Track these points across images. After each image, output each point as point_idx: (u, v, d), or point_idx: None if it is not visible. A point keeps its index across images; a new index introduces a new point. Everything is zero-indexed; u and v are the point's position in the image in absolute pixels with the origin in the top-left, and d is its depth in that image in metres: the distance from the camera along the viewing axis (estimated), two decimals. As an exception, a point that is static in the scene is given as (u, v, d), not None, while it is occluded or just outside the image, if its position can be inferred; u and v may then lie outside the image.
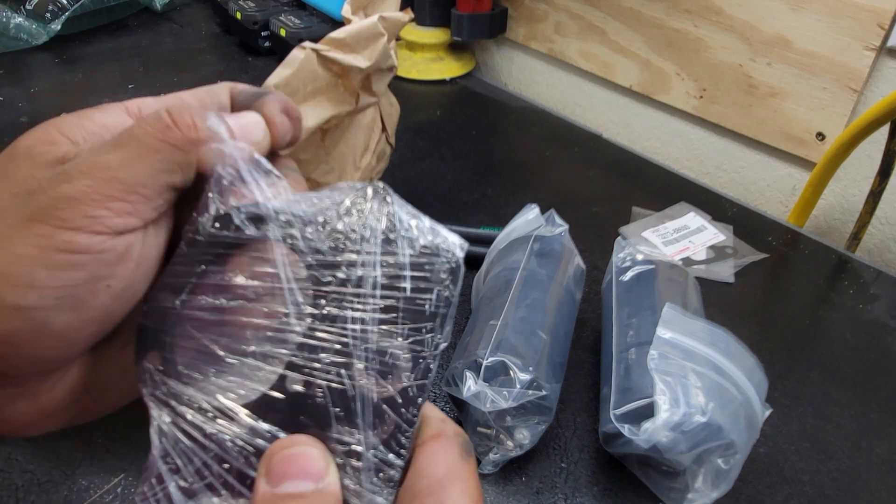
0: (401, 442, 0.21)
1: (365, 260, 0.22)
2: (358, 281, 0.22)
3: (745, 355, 0.42)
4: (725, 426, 0.38)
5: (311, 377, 0.22)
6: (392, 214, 0.23)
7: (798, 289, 0.63)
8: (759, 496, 0.44)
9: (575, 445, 0.47)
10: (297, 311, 0.22)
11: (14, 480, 0.42)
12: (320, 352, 0.22)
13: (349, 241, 0.22)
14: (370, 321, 0.22)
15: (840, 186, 0.73)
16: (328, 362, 0.22)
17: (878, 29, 0.63)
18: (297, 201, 0.23)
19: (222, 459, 0.21)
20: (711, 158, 0.83)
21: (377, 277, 0.22)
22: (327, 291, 0.22)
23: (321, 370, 0.22)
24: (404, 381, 0.21)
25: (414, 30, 0.96)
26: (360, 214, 0.23)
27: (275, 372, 0.22)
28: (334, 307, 0.22)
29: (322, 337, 0.22)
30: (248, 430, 0.21)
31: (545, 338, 0.45)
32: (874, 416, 0.50)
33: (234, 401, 0.22)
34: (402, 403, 0.21)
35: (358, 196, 0.23)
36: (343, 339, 0.22)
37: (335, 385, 0.21)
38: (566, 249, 0.53)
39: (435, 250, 0.22)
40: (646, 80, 0.84)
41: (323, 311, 0.22)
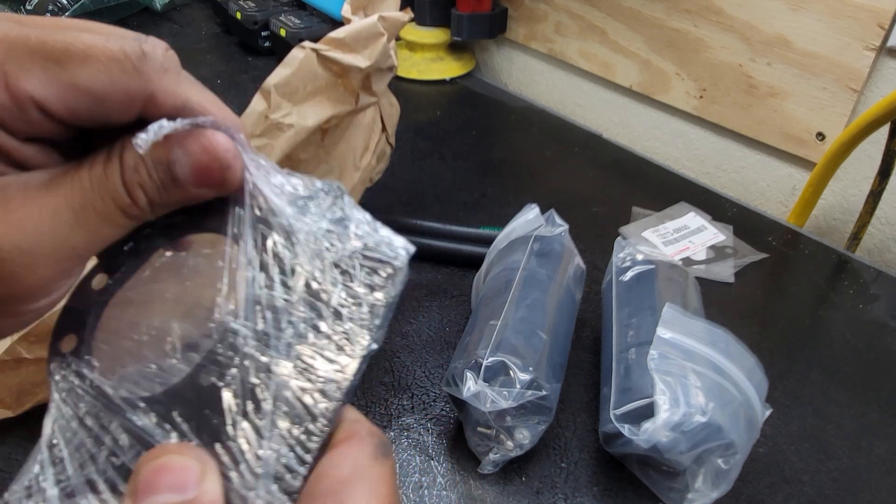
0: (307, 447, 0.20)
1: (299, 259, 0.22)
2: (291, 276, 0.21)
3: (745, 355, 0.42)
4: (725, 426, 0.38)
5: (225, 371, 0.21)
6: (339, 215, 0.22)
7: (798, 289, 0.63)
8: (759, 496, 0.44)
9: (575, 445, 0.47)
10: (224, 303, 0.21)
11: (14, 480, 0.42)
12: (240, 347, 0.21)
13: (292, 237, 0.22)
14: (297, 319, 0.21)
15: (840, 186, 0.73)
16: (246, 357, 0.21)
17: (878, 29, 0.63)
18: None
19: (112, 453, 0.20)
20: (711, 158, 0.83)
21: (312, 273, 0.21)
22: (260, 285, 0.21)
23: (238, 365, 0.21)
24: (321, 381, 0.20)
25: (414, 30, 0.96)
26: (308, 212, 0.22)
27: (191, 363, 0.21)
28: (263, 302, 0.21)
29: (243, 332, 0.21)
30: (148, 424, 0.20)
31: (545, 338, 0.45)
32: (874, 416, 0.50)
33: (141, 392, 0.21)
34: (317, 405, 0.20)
35: (310, 194, 0.23)
36: (265, 335, 0.21)
37: (249, 381, 0.20)
38: (566, 249, 0.53)
39: (378, 252, 0.22)
40: (646, 80, 0.84)
41: (251, 305, 0.21)
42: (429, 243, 0.60)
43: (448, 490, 0.43)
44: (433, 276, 0.60)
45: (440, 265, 0.61)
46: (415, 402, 0.49)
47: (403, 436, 0.47)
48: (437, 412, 0.48)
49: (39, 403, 0.44)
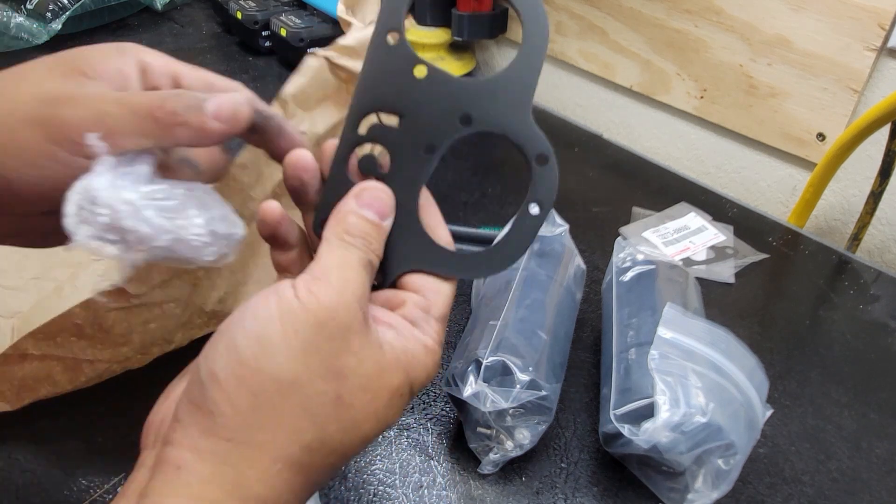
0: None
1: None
2: None
3: (745, 355, 0.42)
4: (726, 427, 0.38)
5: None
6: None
7: (798, 289, 0.63)
8: (759, 496, 0.44)
9: (575, 445, 0.47)
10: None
11: (14, 480, 0.42)
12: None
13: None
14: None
15: (840, 187, 0.73)
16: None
17: (878, 29, 0.63)
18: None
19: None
20: (712, 158, 0.83)
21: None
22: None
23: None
24: None
25: (414, 30, 0.96)
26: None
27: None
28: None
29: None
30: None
31: (545, 338, 0.45)
32: (874, 416, 0.50)
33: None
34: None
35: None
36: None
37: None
38: (566, 249, 0.53)
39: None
40: (646, 80, 0.84)
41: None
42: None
43: (448, 490, 0.43)
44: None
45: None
46: (415, 401, 0.49)
47: (403, 435, 0.47)
48: (437, 412, 0.48)
49: (39, 399, 0.44)
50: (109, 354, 0.43)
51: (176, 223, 0.27)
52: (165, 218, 0.27)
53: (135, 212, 0.26)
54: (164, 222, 0.27)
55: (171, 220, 0.27)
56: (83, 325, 0.41)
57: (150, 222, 0.27)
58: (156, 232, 0.27)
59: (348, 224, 0.28)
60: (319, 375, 0.24)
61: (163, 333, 0.45)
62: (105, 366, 0.44)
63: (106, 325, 0.42)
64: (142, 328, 0.44)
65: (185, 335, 0.47)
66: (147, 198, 0.27)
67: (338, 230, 0.28)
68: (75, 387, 0.45)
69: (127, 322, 0.43)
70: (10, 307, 0.46)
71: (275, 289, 0.25)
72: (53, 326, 0.40)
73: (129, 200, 0.26)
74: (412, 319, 0.28)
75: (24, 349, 0.41)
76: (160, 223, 0.27)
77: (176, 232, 0.27)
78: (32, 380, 0.43)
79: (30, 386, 0.43)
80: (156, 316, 0.44)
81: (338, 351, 0.25)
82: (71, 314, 0.40)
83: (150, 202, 0.27)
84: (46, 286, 0.47)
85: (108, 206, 0.26)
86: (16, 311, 0.46)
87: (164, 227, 0.27)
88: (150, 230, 0.27)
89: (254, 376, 0.24)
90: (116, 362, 0.45)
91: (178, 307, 0.45)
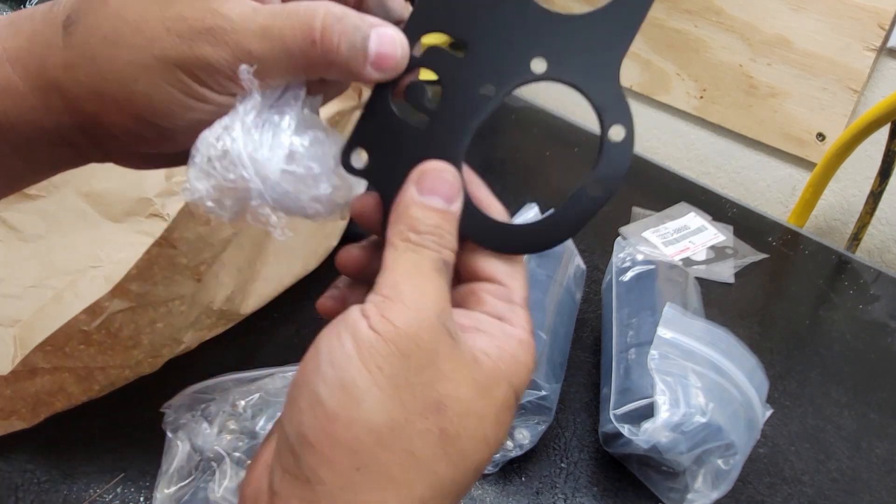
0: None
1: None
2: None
3: (745, 356, 0.42)
4: (725, 427, 0.38)
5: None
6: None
7: (798, 289, 0.63)
8: (759, 496, 0.44)
9: (575, 445, 0.47)
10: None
11: (14, 480, 0.42)
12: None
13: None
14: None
15: (840, 187, 0.73)
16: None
17: (878, 29, 0.63)
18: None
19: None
20: (711, 159, 0.83)
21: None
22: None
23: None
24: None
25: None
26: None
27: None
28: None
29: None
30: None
31: (545, 338, 0.45)
32: (874, 416, 0.50)
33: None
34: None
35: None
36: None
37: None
38: (566, 250, 0.53)
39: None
40: (646, 80, 0.84)
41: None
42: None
43: (448, 490, 0.43)
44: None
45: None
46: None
47: (403, 436, 0.47)
48: (437, 412, 0.48)
49: (55, 413, 0.44)
50: (120, 360, 0.43)
51: (301, 190, 0.25)
52: (295, 186, 0.24)
53: (267, 190, 0.24)
54: (291, 190, 0.24)
55: (299, 187, 0.24)
56: (90, 332, 0.40)
57: (277, 195, 0.24)
58: (276, 204, 0.24)
59: (413, 220, 0.24)
60: (417, 413, 0.22)
61: (171, 333, 0.45)
62: (117, 372, 0.44)
63: (113, 328, 0.41)
64: (149, 329, 0.43)
65: (195, 336, 0.47)
66: (285, 169, 0.24)
67: (401, 229, 0.24)
68: (89, 397, 0.44)
69: (134, 323, 0.42)
70: (9, 316, 0.45)
71: (345, 321, 0.22)
72: (60, 336, 0.40)
73: (265, 176, 0.24)
74: (498, 314, 0.25)
75: (34, 363, 0.40)
76: (286, 191, 0.24)
77: (296, 199, 0.25)
78: (46, 394, 0.42)
79: (44, 401, 0.43)
80: (162, 315, 0.44)
81: (430, 380, 0.22)
82: (76, 321, 0.40)
83: (287, 173, 0.24)
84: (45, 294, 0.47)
85: (239, 174, 0.23)
86: (15, 319, 0.45)
87: (289, 197, 0.24)
88: (274, 218, 0.24)
89: (347, 431, 0.21)
90: (128, 367, 0.44)
91: (184, 304, 0.44)
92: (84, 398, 0.44)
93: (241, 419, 0.43)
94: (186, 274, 0.43)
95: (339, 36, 0.23)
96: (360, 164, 0.26)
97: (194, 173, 0.24)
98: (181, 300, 0.44)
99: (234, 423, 0.42)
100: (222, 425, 0.42)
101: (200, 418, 0.42)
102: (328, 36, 0.23)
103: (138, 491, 0.42)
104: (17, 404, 0.42)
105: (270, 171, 0.24)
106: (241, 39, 0.23)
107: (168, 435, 0.42)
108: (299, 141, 0.24)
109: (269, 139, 0.24)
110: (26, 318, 0.44)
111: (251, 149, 0.23)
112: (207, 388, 0.44)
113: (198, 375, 0.44)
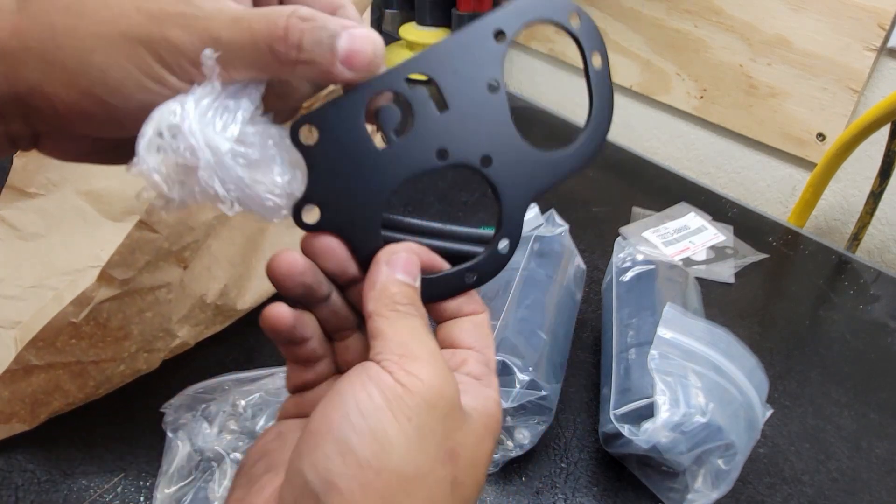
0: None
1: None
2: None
3: (745, 356, 0.42)
4: (725, 427, 0.38)
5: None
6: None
7: (798, 289, 0.63)
8: (759, 496, 0.44)
9: (575, 445, 0.47)
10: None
11: (14, 480, 0.42)
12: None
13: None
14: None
15: (840, 187, 0.73)
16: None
17: (878, 29, 0.63)
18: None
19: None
20: (711, 159, 0.83)
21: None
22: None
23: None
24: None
25: (414, 30, 0.96)
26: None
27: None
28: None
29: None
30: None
31: (545, 338, 0.45)
32: (874, 416, 0.50)
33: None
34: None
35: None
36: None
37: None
38: (566, 250, 0.53)
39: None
40: (646, 80, 0.84)
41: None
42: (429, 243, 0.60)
43: (448, 490, 0.43)
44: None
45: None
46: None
47: (403, 436, 0.47)
48: (437, 412, 0.48)
49: (55, 414, 0.44)
50: (112, 352, 0.43)
51: (255, 178, 0.24)
52: (247, 172, 0.24)
53: (216, 164, 0.23)
54: (244, 176, 0.24)
55: (253, 174, 0.24)
56: (79, 324, 0.40)
57: (229, 175, 0.24)
58: (228, 190, 0.24)
59: (394, 295, 0.26)
60: (439, 461, 0.23)
61: (162, 323, 0.45)
62: (111, 367, 0.44)
63: (101, 318, 0.41)
64: (138, 318, 0.43)
65: (192, 332, 0.47)
66: (235, 149, 0.24)
67: (386, 303, 0.26)
68: (87, 395, 0.44)
69: (122, 313, 0.42)
70: (10, 317, 0.45)
71: (366, 376, 0.23)
72: (50, 330, 0.40)
73: (215, 147, 0.23)
74: (476, 375, 0.27)
75: (28, 361, 0.40)
76: (239, 176, 0.24)
77: (252, 188, 0.24)
78: (43, 393, 0.42)
79: (42, 400, 0.43)
80: (150, 304, 0.43)
81: (450, 430, 0.24)
82: (65, 313, 0.39)
83: (238, 153, 0.24)
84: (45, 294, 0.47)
85: (189, 144, 0.23)
86: (16, 321, 0.45)
87: (243, 182, 0.24)
88: (222, 190, 0.24)
89: (379, 479, 0.22)
90: (122, 362, 0.44)
91: (171, 293, 0.44)
92: (82, 396, 0.44)
93: (241, 419, 0.43)
94: (171, 260, 0.43)
95: (304, 33, 0.24)
96: (308, 141, 0.26)
97: (144, 144, 0.23)
98: (167, 288, 0.44)
99: (235, 423, 0.42)
100: (222, 425, 0.42)
101: (200, 418, 0.42)
102: (293, 32, 0.24)
103: (138, 491, 0.42)
104: (16, 406, 0.42)
105: (221, 144, 0.23)
106: (210, 25, 0.23)
107: (168, 435, 0.42)
108: (252, 129, 0.24)
109: (221, 120, 0.24)
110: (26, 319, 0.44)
111: (203, 125, 0.23)
112: (207, 388, 0.44)
113: (198, 375, 0.45)
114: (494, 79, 0.28)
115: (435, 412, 0.23)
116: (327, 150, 0.26)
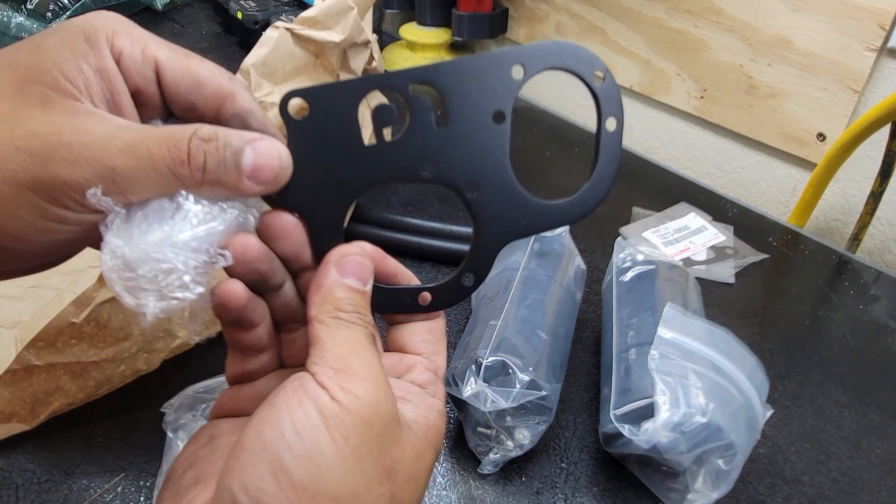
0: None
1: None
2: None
3: (745, 356, 0.42)
4: (726, 427, 0.38)
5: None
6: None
7: (798, 289, 0.63)
8: (759, 497, 0.44)
9: (575, 445, 0.47)
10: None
11: (14, 480, 0.42)
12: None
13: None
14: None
15: (840, 187, 0.73)
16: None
17: (878, 29, 0.63)
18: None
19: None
20: (712, 159, 0.83)
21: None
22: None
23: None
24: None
25: (415, 30, 0.96)
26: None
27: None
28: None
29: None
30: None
31: (545, 338, 0.45)
32: (874, 416, 0.50)
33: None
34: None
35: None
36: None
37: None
38: (566, 250, 0.53)
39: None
40: (646, 80, 0.84)
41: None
42: (429, 243, 0.60)
43: (448, 490, 0.43)
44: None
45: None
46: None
47: (403, 436, 0.47)
48: (438, 412, 0.48)
49: (55, 414, 0.44)
50: (112, 352, 0.43)
51: (211, 226, 0.24)
52: (203, 241, 0.24)
53: (172, 254, 0.23)
54: (201, 234, 0.24)
55: (209, 231, 0.24)
56: (80, 324, 0.40)
57: (188, 254, 0.24)
58: (192, 266, 0.24)
59: (338, 300, 0.25)
60: (375, 480, 0.23)
61: (161, 323, 0.45)
62: (112, 367, 0.44)
63: (102, 319, 0.41)
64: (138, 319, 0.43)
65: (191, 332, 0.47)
66: (181, 243, 0.23)
67: (328, 308, 0.25)
68: (87, 395, 0.44)
69: (122, 313, 0.42)
70: (11, 317, 0.46)
71: (303, 392, 0.23)
72: (51, 331, 0.40)
73: (159, 245, 0.23)
74: (421, 383, 0.27)
75: (28, 361, 0.40)
76: (195, 249, 0.24)
77: (209, 240, 0.24)
78: (43, 393, 0.42)
79: (42, 400, 0.43)
80: None
81: (387, 447, 0.23)
82: (66, 313, 0.40)
83: (185, 239, 0.24)
84: (45, 294, 0.47)
85: (140, 263, 0.23)
86: (16, 321, 0.45)
87: (200, 240, 0.24)
88: (187, 274, 0.24)
89: (314, 501, 0.21)
90: (123, 362, 0.44)
91: None
92: (82, 396, 0.44)
93: (241, 419, 0.43)
94: None
95: (207, 154, 0.23)
96: (297, 116, 0.26)
97: (117, 290, 0.23)
98: None
99: (235, 422, 0.42)
100: (222, 425, 0.42)
101: (200, 418, 0.42)
102: (195, 155, 0.23)
103: (138, 491, 0.42)
104: (16, 405, 0.42)
105: (176, 234, 0.23)
106: (103, 156, 0.22)
107: (168, 435, 0.42)
108: (184, 223, 0.24)
109: (154, 224, 0.24)
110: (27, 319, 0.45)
111: (141, 243, 0.23)
112: (207, 388, 0.44)
113: (198, 375, 0.45)
114: (502, 110, 0.28)
115: (372, 430, 0.22)
116: (313, 129, 0.26)
